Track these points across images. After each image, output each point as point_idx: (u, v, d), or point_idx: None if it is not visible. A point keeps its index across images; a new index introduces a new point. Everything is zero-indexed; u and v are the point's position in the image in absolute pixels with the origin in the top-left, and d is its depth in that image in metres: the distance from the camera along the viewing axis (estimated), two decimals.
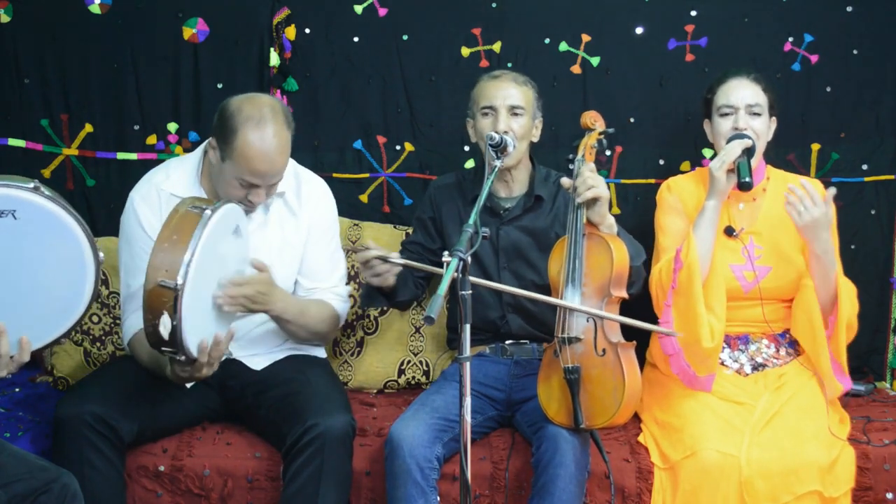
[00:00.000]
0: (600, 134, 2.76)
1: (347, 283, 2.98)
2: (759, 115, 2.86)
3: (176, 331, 2.31)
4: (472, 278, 2.17)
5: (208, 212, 2.36)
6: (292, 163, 2.81)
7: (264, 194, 2.66)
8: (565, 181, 2.69)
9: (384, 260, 2.66)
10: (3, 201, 2.16)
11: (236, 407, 2.82)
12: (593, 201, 2.62)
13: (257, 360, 2.84)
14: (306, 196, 2.86)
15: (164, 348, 2.37)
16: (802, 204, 2.65)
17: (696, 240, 2.72)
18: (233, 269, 2.57)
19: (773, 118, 2.93)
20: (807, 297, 2.80)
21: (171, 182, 2.76)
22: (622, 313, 2.62)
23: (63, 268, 2.26)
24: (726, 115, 2.87)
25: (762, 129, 2.87)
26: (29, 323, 2.26)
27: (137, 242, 2.72)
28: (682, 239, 2.80)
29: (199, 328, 2.40)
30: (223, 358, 2.54)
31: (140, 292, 2.36)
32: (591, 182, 2.61)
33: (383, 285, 2.74)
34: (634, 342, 2.61)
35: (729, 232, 2.88)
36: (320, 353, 3.00)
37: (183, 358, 2.40)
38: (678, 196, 2.96)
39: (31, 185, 2.19)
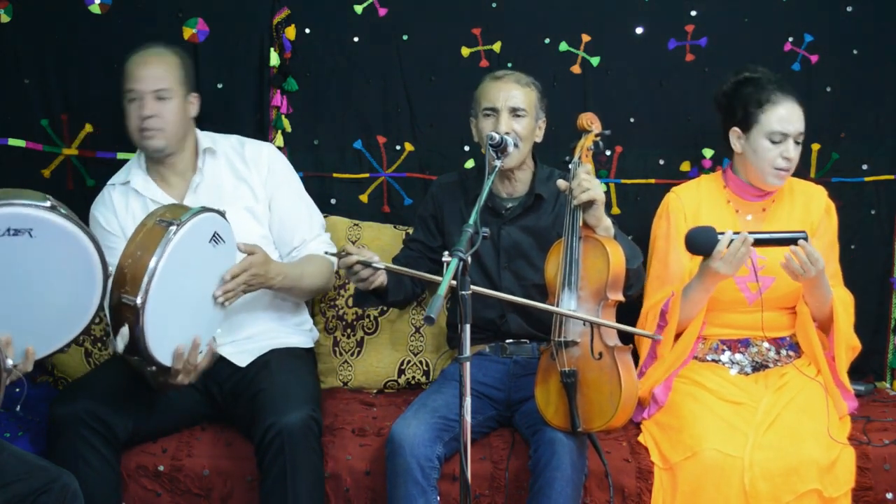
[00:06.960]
0: (597, 136, 2.74)
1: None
2: (798, 143, 2.85)
3: (138, 342, 2.35)
4: (473, 287, 2.17)
5: (173, 227, 2.39)
6: (236, 136, 3.03)
7: (148, 104, 2.81)
8: (561, 183, 2.68)
9: (366, 265, 2.63)
10: (20, 220, 2.20)
11: (224, 408, 2.83)
12: (589, 204, 2.60)
13: (242, 357, 2.85)
14: (251, 158, 2.97)
15: (133, 357, 2.42)
16: (802, 269, 2.65)
17: (683, 306, 2.77)
18: (217, 273, 2.59)
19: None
20: (805, 325, 2.83)
21: (118, 176, 2.96)
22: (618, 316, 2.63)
23: (73, 282, 2.31)
24: (776, 143, 2.81)
25: (797, 156, 2.85)
26: (35, 333, 2.30)
27: (106, 244, 2.76)
28: (670, 270, 2.86)
29: (171, 337, 2.44)
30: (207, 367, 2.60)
31: None
32: (585, 185, 2.59)
33: (370, 288, 2.71)
34: (631, 345, 2.61)
35: None
36: (307, 342, 3.01)
37: (154, 368, 2.44)
38: (681, 213, 2.93)
39: (48, 203, 2.23)
